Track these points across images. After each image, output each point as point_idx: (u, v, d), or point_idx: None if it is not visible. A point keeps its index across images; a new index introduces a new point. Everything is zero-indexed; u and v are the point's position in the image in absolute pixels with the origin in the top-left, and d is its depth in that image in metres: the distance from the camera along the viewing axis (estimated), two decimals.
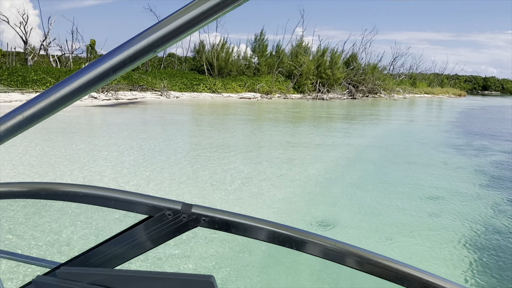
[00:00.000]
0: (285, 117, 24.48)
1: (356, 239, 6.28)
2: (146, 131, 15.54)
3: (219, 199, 7.78)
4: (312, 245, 0.91)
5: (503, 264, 5.74)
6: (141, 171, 9.47)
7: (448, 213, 7.65)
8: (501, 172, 11.36)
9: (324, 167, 10.91)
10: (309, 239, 0.91)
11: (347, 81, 49.68)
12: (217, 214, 0.92)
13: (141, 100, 29.83)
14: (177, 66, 48.15)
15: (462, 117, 30.75)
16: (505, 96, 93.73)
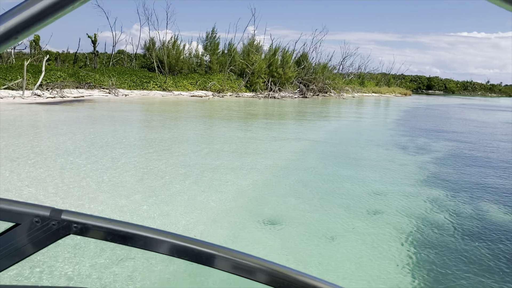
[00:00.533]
0: (236, 115, 24.52)
1: (299, 236, 6.41)
2: (84, 129, 15.13)
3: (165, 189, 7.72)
4: (208, 255, 0.83)
5: (444, 260, 6.03)
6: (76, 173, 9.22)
7: (391, 209, 7.95)
8: (441, 169, 11.91)
9: (273, 163, 11.05)
10: (200, 248, 0.83)
11: (298, 80, 50.41)
12: (90, 220, 0.84)
13: (88, 98, 28.96)
14: (127, 63, 47.09)
15: (407, 115, 31.95)
16: (447, 95, 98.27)
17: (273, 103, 36.90)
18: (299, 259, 5.63)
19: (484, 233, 6.95)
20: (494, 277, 5.43)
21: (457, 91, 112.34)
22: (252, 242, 6.08)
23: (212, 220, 6.75)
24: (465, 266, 5.69)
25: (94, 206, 6.95)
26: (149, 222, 6.45)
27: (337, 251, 5.95)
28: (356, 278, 5.21)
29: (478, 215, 7.82)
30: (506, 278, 5.42)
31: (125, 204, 7.17)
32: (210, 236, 6.12)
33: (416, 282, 5.23)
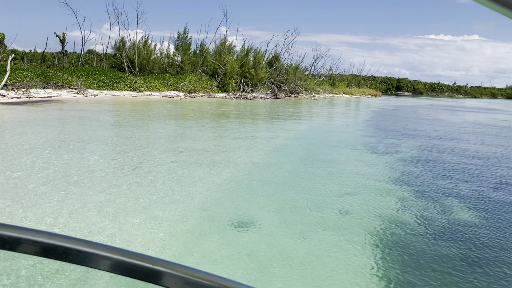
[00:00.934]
0: (207, 116, 24.41)
1: (267, 236, 6.44)
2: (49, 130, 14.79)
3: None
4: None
5: (408, 258, 6.16)
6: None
7: (359, 209, 8.07)
8: (409, 169, 12.18)
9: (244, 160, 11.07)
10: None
11: (270, 81, 50.59)
12: (17, 233, 0.72)
13: (56, 99, 28.30)
14: (97, 63, 46.26)
15: (377, 116, 32.51)
16: (416, 96, 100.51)
17: (245, 103, 36.94)
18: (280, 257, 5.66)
19: (450, 231, 7.15)
20: (462, 275, 5.59)
21: (425, 92, 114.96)
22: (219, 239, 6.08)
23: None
24: (432, 264, 5.84)
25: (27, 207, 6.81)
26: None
27: (305, 249, 6.01)
28: (323, 280, 5.27)
29: (444, 214, 8.03)
30: (472, 275, 5.59)
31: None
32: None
33: (384, 282, 5.33)
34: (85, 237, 5.68)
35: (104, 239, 5.74)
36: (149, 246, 5.73)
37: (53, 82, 31.66)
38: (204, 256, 5.58)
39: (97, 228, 6.13)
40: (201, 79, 43.25)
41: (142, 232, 6.15)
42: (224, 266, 5.33)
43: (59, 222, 6.25)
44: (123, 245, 5.62)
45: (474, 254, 6.21)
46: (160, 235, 6.12)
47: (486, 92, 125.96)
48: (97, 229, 6.11)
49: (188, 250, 5.73)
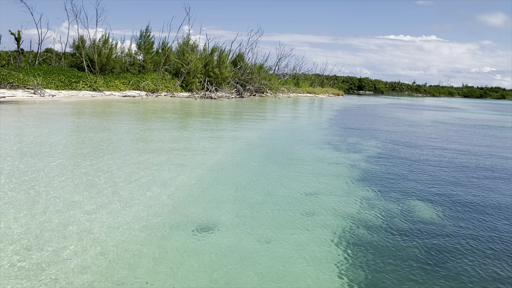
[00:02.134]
0: (169, 115, 23.95)
1: (233, 238, 6.25)
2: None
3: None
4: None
5: (376, 257, 6.11)
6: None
7: (324, 209, 8.00)
8: (372, 167, 12.26)
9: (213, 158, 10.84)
10: None
11: (235, 80, 50.41)
12: None
13: (10, 100, 27.09)
14: (55, 62, 44.72)
15: (340, 115, 32.87)
16: (377, 95, 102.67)
17: (210, 103, 36.58)
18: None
19: (412, 228, 7.17)
20: (425, 271, 5.58)
21: (386, 91, 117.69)
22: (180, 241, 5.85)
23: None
24: (395, 262, 5.81)
25: None
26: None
27: (269, 253, 5.87)
28: (286, 280, 5.14)
29: (406, 212, 8.08)
30: (435, 271, 5.59)
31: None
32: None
33: (348, 281, 5.25)
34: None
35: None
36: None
37: (7, 82, 30.33)
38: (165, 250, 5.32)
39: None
40: (164, 78, 42.55)
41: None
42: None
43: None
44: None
45: (435, 251, 6.24)
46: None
47: (444, 91, 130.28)
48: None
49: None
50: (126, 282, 4.77)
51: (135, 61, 44.60)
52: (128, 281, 4.80)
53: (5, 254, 5.20)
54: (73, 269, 4.96)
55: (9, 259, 5.09)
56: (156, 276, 4.95)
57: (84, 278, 4.77)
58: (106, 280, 4.78)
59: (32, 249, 5.39)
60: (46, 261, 5.11)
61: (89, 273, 4.91)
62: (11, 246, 5.42)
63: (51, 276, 4.76)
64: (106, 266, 5.11)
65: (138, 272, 5.02)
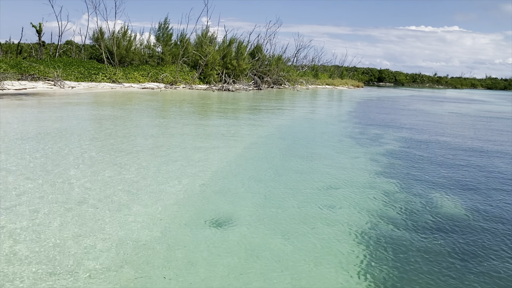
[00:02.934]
0: (188, 109, 23.91)
1: (253, 234, 6.12)
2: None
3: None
4: None
5: (391, 250, 5.90)
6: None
7: (346, 203, 7.80)
8: (395, 160, 11.97)
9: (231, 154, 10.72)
10: None
11: (252, 72, 50.14)
12: None
13: (32, 91, 27.42)
14: (75, 54, 45.15)
15: (360, 107, 32.38)
16: (397, 87, 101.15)
17: (227, 95, 36.45)
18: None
19: (439, 224, 6.92)
20: (450, 270, 5.35)
21: (406, 83, 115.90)
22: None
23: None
24: (421, 258, 5.59)
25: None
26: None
27: (291, 247, 5.71)
28: (310, 277, 4.98)
29: (432, 207, 7.81)
30: (464, 268, 5.36)
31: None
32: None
33: (371, 278, 5.06)
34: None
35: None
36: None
37: (28, 74, 30.70)
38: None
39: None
40: (182, 71, 42.57)
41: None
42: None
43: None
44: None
45: (463, 249, 5.98)
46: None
47: (466, 82, 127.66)
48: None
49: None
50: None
51: (153, 53, 44.70)
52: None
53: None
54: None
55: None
56: (172, 271, 4.85)
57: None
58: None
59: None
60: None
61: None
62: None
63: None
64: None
65: (153, 265, 4.92)
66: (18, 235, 5.54)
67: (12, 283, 4.41)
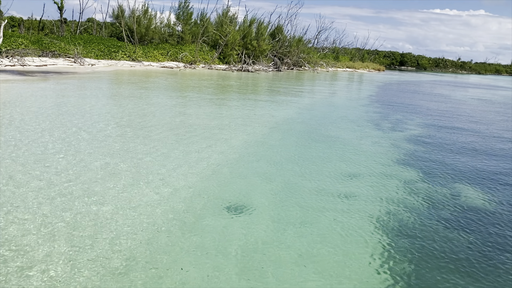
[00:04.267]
0: (209, 89, 23.74)
1: (269, 222, 5.97)
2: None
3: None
4: None
5: (413, 242, 5.70)
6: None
7: (366, 190, 7.59)
8: (416, 147, 11.66)
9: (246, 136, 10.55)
10: None
11: (272, 53, 49.55)
12: None
13: (53, 69, 27.53)
14: (96, 32, 45.17)
15: (382, 91, 31.76)
16: (420, 71, 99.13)
17: (247, 76, 36.12)
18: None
19: (462, 215, 6.66)
20: (476, 264, 5.12)
21: (429, 68, 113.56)
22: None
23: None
24: (443, 251, 5.37)
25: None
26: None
27: (309, 235, 5.53)
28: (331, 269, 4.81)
29: (455, 197, 7.54)
30: (488, 265, 5.13)
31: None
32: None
33: (391, 270, 4.87)
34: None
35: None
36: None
37: (49, 51, 30.82)
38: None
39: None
40: (201, 50, 42.28)
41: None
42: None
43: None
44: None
45: (489, 242, 5.73)
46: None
47: (491, 68, 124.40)
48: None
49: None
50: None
51: (173, 32, 44.42)
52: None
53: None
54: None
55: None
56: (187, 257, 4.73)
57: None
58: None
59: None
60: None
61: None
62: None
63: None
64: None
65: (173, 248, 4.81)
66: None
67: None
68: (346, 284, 4.48)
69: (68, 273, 4.24)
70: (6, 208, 5.55)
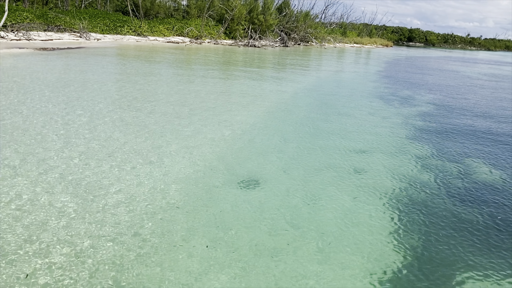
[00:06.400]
0: (214, 64, 23.50)
1: (284, 196, 5.93)
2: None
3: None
4: None
5: (424, 217, 5.65)
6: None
7: (376, 166, 7.52)
8: (426, 123, 11.53)
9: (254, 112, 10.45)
10: None
11: (279, 28, 48.86)
12: None
13: (60, 43, 27.28)
14: (101, 6, 44.59)
15: (390, 67, 31.36)
16: (428, 47, 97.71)
17: (253, 51, 35.71)
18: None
19: (473, 193, 6.59)
20: (486, 241, 5.07)
21: (437, 44, 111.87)
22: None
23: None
24: (453, 229, 5.33)
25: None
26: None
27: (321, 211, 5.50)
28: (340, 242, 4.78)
29: (465, 174, 7.46)
30: (499, 241, 5.08)
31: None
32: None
33: (402, 245, 4.83)
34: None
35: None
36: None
37: (54, 25, 30.49)
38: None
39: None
40: (207, 25, 41.72)
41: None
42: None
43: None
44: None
45: (498, 219, 5.68)
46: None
47: (501, 44, 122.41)
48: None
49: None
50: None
51: (179, 6, 43.77)
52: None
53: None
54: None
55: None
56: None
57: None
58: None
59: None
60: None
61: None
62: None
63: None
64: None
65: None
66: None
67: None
68: (359, 261, 4.46)
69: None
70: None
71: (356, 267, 4.25)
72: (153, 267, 4.00)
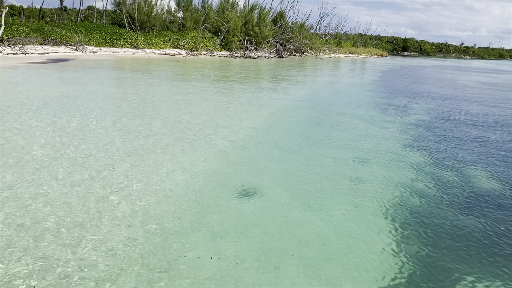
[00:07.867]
0: (210, 75, 23.58)
1: (281, 204, 5.91)
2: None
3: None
4: None
5: (423, 227, 5.65)
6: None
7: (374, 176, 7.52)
8: (424, 131, 11.57)
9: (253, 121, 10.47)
10: None
11: (275, 39, 49.13)
12: None
13: (57, 56, 27.34)
14: (97, 19, 44.83)
15: (385, 76, 31.53)
16: (422, 57, 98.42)
17: (249, 62, 35.86)
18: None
19: (472, 201, 6.60)
20: (484, 249, 5.07)
21: (432, 53, 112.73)
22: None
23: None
24: (453, 237, 5.32)
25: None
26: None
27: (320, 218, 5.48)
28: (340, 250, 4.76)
29: (465, 182, 7.47)
30: (494, 250, 5.07)
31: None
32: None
33: (399, 257, 4.82)
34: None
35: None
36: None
37: (50, 38, 30.59)
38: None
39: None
40: (203, 37, 41.92)
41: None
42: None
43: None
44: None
45: (497, 227, 5.68)
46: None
47: (494, 53, 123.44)
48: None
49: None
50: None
51: (175, 19, 44.01)
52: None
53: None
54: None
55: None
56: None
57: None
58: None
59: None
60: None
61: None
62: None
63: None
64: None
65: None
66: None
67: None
68: (358, 263, 4.44)
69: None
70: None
71: (353, 279, 4.23)
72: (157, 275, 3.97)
